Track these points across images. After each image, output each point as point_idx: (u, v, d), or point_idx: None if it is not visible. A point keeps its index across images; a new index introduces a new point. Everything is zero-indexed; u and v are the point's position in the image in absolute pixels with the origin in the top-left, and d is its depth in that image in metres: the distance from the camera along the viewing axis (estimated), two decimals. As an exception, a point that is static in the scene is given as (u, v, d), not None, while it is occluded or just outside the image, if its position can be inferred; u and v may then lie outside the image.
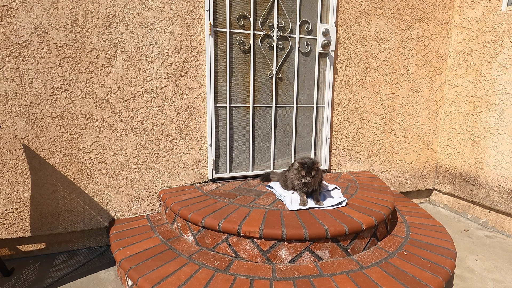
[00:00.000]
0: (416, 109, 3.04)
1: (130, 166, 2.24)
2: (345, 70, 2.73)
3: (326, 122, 2.75)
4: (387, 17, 2.78)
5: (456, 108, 3.02)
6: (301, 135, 2.71)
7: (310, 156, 2.67)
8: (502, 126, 2.63)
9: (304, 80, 2.64)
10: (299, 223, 1.80)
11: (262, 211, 1.95)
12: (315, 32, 2.60)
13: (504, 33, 2.60)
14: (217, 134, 2.44)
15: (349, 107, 2.81)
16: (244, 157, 2.56)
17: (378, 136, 2.97)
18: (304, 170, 1.96)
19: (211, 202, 2.07)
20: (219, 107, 2.42)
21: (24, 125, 1.96)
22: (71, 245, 2.22)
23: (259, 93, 2.52)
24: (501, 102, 2.63)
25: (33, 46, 1.92)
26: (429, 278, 1.62)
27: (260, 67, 2.49)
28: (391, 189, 3.11)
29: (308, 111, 2.70)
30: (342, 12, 2.64)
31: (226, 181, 2.52)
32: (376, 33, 2.77)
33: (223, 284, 1.53)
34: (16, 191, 2.00)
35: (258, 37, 2.44)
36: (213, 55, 2.31)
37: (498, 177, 2.66)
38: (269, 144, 2.62)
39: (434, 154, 3.21)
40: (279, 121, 2.62)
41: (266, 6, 2.43)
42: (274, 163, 2.66)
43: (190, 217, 1.89)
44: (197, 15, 2.24)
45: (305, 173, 1.96)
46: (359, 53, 2.75)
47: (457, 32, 2.98)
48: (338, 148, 2.85)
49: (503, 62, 2.61)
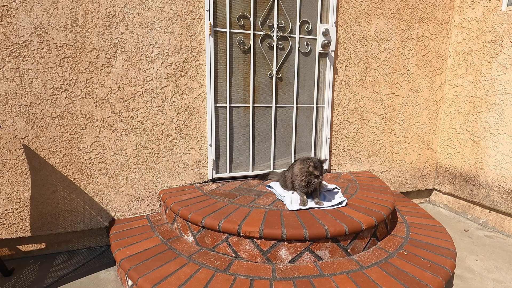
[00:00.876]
0: (416, 109, 3.04)
1: (130, 166, 2.24)
2: (345, 70, 2.74)
3: (326, 122, 2.75)
4: (387, 17, 2.78)
5: (456, 108, 3.02)
6: (301, 135, 2.71)
7: (310, 156, 2.67)
8: (502, 126, 2.63)
9: (304, 80, 2.64)
10: (299, 223, 1.80)
11: (262, 211, 1.95)
12: (315, 32, 2.60)
13: (504, 33, 2.60)
14: (217, 134, 2.44)
15: (349, 107, 2.81)
16: (244, 157, 2.56)
17: (378, 136, 2.97)
18: (317, 170, 1.94)
19: (211, 202, 2.07)
20: (219, 107, 2.42)
21: (24, 125, 1.96)
22: (71, 245, 2.22)
23: (259, 93, 2.52)
24: (501, 102, 2.63)
25: (33, 46, 1.92)
26: (429, 278, 1.62)
27: (260, 67, 2.49)
28: (391, 189, 3.11)
29: (308, 111, 2.70)
30: (342, 12, 2.64)
31: (226, 181, 2.52)
32: (376, 33, 2.77)
33: (223, 284, 1.53)
34: (16, 191, 2.00)
35: (258, 37, 2.44)
36: (213, 55, 2.31)
37: (498, 177, 2.66)
38: (269, 144, 2.62)
39: (434, 154, 3.21)
40: (279, 121, 2.62)
41: (266, 6, 2.43)
42: (274, 163, 2.66)
43: (190, 217, 1.89)
44: (197, 15, 2.24)
45: (318, 173, 1.94)
46: (359, 53, 2.75)
47: (457, 32, 2.98)
48: (338, 148, 2.85)
49: (503, 62, 2.61)
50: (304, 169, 1.98)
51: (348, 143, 2.88)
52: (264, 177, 2.55)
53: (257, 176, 2.62)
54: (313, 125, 2.73)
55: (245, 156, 2.56)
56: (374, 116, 2.92)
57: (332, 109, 2.76)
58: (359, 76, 2.79)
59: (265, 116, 2.57)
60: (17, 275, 1.90)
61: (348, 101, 2.80)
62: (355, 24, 2.69)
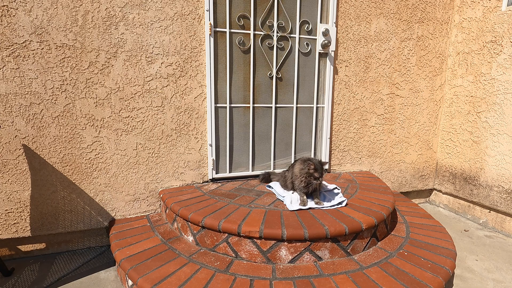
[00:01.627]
0: (416, 109, 3.05)
1: (130, 166, 2.24)
2: (345, 70, 2.74)
3: (326, 122, 2.75)
4: (387, 17, 2.78)
5: (456, 108, 3.02)
6: (301, 135, 2.71)
7: (310, 156, 2.67)
8: (502, 126, 2.63)
9: (304, 80, 2.64)
10: (299, 223, 1.80)
11: (262, 211, 1.95)
12: (315, 32, 2.61)
13: (504, 33, 2.60)
14: (217, 134, 2.44)
15: (349, 107, 2.81)
16: (244, 157, 2.56)
17: (378, 136, 2.97)
18: (317, 172, 1.95)
19: (211, 202, 2.07)
20: (219, 107, 2.42)
21: (24, 125, 1.97)
22: (71, 245, 2.22)
23: (259, 93, 2.52)
24: (501, 102, 2.64)
25: (33, 46, 1.92)
26: (429, 278, 1.62)
27: (260, 67, 2.49)
28: (391, 189, 3.11)
29: (308, 111, 2.70)
30: (342, 12, 2.64)
31: (226, 181, 2.52)
32: (376, 33, 2.77)
33: (223, 284, 1.53)
34: (16, 191, 2.00)
35: (258, 37, 2.44)
36: (213, 55, 2.31)
37: (498, 177, 2.66)
38: (269, 144, 2.62)
39: (434, 154, 3.21)
40: (279, 121, 2.62)
41: (266, 6, 2.43)
42: (274, 163, 2.66)
43: (190, 217, 1.89)
44: (197, 15, 2.24)
45: (318, 175, 1.95)
46: (359, 53, 2.75)
47: (457, 32, 2.98)
48: (338, 148, 2.85)
49: (503, 62, 2.61)
50: (304, 170, 1.98)
51: (348, 143, 2.88)
52: (267, 178, 2.48)
53: (257, 176, 2.62)
54: (313, 125, 2.73)
55: (245, 156, 2.56)
56: (374, 116, 2.92)
57: (332, 109, 2.76)
58: (359, 76, 2.79)
59: (265, 116, 2.57)
60: (17, 275, 1.91)
61: (348, 101, 2.80)
62: (355, 24, 2.70)
